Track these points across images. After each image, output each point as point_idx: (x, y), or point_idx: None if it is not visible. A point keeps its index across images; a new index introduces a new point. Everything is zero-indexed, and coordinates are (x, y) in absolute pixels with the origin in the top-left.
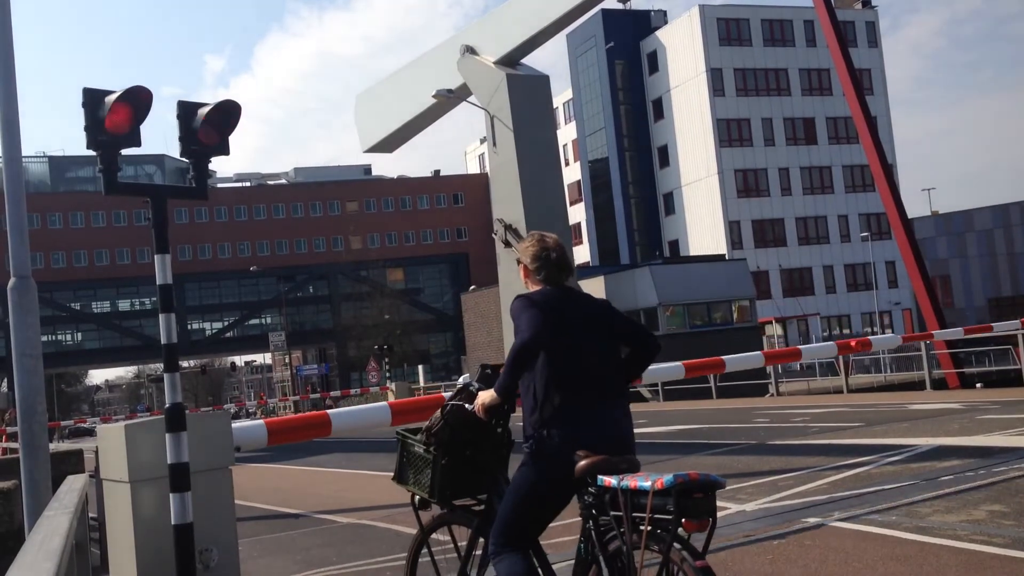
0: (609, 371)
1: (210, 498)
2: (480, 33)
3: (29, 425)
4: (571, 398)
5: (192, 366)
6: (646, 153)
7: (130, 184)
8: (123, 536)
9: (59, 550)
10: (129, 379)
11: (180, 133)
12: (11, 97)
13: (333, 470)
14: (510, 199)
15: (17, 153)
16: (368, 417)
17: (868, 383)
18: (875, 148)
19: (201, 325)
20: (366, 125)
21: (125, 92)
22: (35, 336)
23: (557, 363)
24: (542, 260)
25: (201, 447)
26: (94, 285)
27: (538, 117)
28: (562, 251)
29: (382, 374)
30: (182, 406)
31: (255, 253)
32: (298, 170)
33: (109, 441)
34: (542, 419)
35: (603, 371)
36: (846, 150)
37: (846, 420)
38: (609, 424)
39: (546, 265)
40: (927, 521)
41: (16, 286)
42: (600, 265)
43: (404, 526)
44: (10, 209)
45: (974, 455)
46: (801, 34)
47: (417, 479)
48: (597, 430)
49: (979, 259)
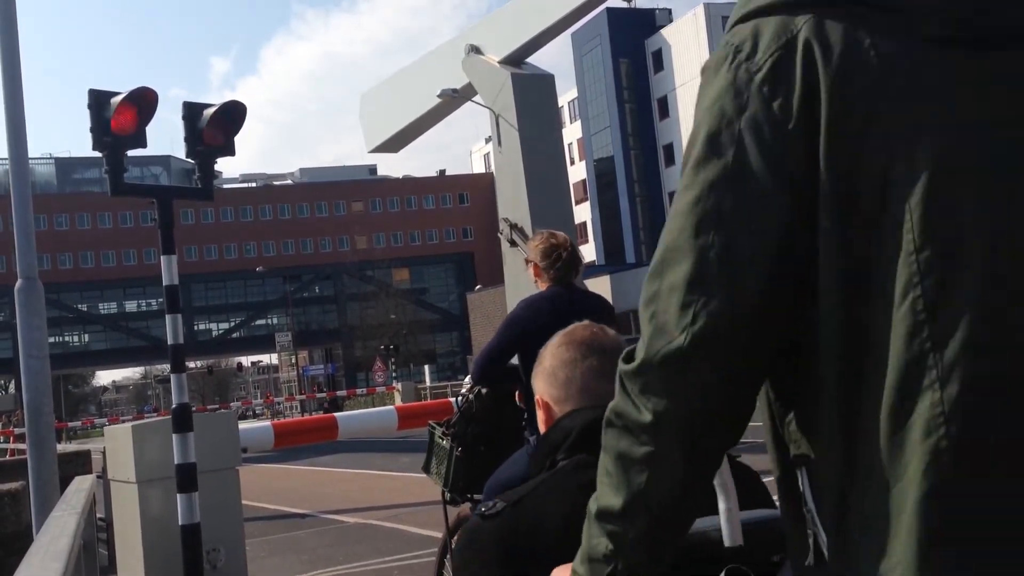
0: None
1: (217, 498)
2: (484, 32)
3: (36, 426)
4: None
5: (199, 367)
6: (651, 152)
7: (136, 185)
8: (131, 536)
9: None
10: (136, 380)
11: (186, 134)
12: (18, 99)
13: (339, 470)
14: (515, 198)
15: (24, 155)
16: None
17: None
18: None
19: (207, 326)
20: (371, 125)
21: (131, 93)
22: (42, 337)
23: None
24: (552, 258)
25: (208, 448)
26: (101, 286)
27: (543, 116)
28: (572, 249)
29: (388, 374)
30: (189, 407)
31: (261, 253)
32: (304, 170)
33: (117, 442)
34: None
35: None
36: None
37: None
38: None
39: (556, 263)
40: None
41: (23, 287)
42: (606, 264)
43: (411, 526)
44: (17, 211)
45: None
46: None
47: (438, 469)
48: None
49: None
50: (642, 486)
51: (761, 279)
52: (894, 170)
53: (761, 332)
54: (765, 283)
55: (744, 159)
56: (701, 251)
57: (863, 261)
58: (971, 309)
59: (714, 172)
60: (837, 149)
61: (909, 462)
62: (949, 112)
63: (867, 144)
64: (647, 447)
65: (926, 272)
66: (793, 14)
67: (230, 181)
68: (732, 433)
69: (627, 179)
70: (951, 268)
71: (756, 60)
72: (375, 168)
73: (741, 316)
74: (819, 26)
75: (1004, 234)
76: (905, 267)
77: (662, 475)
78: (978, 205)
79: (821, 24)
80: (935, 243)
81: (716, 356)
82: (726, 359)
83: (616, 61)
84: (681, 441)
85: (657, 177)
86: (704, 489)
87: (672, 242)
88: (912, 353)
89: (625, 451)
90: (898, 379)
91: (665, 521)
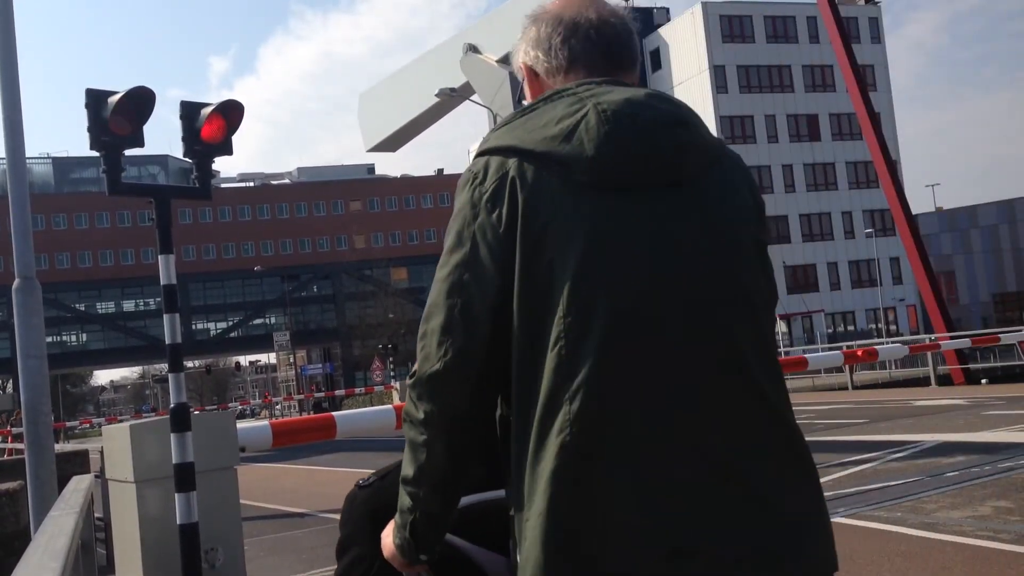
0: None
1: (215, 498)
2: (483, 31)
3: (34, 426)
4: None
5: (197, 366)
6: None
7: (134, 185)
8: (129, 536)
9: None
10: (134, 380)
11: (183, 133)
12: (15, 99)
13: (338, 469)
14: None
15: (21, 154)
16: (372, 420)
17: (873, 380)
18: (879, 144)
19: (205, 325)
20: (369, 124)
21: (128, 93)
22: (40, 337)
23: None
24: None
25: (206, 447)
26: (98, 286)
27: None
28: None
29: (386, 373)
30: (187, 406)
31: (259, 253)
32: (302, 170)
33: (114, 441)
34: None
35: None
36: (850, 146)
37: (851, 417)
38: None
39: None
40: (932, 517)
41: (21, 287)
42: None
43: None
44: (14, 210)
45: (979, 451)
46: (804, 30)
47: None
48: None
49: (983, 255)
50: (422, 462)
51: (485, 327)
52: (555, 262)
53: (488, 361)
54: (487, 330)
55: (476, 250)
56: (449, 308)
57: (537, 320)
58: (591, 356)
59: (458, 257)
60: (525, 247)
61: (549, 448)
62: (592, 228)
63: (542, 245)
64: (423, 435)
65: (567, 330)
66: (507, 157)
67: (228, 181)
68: (478, 426)
69: None
70: (581, 330)
71: (485, 185)
72: (373, 167)
73: (474, 351)
74: (521, 167)
75: (619, 312)
76: (556, 326)
77: (433, 454)
78: (604, 291)
79: (523, 166)
80: (573, 312)
81: (461, 376)
82: (467, 378)
83: None
84: (443, 431)
85: None
86: (463, 465)
87: (433, 301)
88: (556, 381)
89: (412, 438)
90: (547, 397)
91: (440, 485)
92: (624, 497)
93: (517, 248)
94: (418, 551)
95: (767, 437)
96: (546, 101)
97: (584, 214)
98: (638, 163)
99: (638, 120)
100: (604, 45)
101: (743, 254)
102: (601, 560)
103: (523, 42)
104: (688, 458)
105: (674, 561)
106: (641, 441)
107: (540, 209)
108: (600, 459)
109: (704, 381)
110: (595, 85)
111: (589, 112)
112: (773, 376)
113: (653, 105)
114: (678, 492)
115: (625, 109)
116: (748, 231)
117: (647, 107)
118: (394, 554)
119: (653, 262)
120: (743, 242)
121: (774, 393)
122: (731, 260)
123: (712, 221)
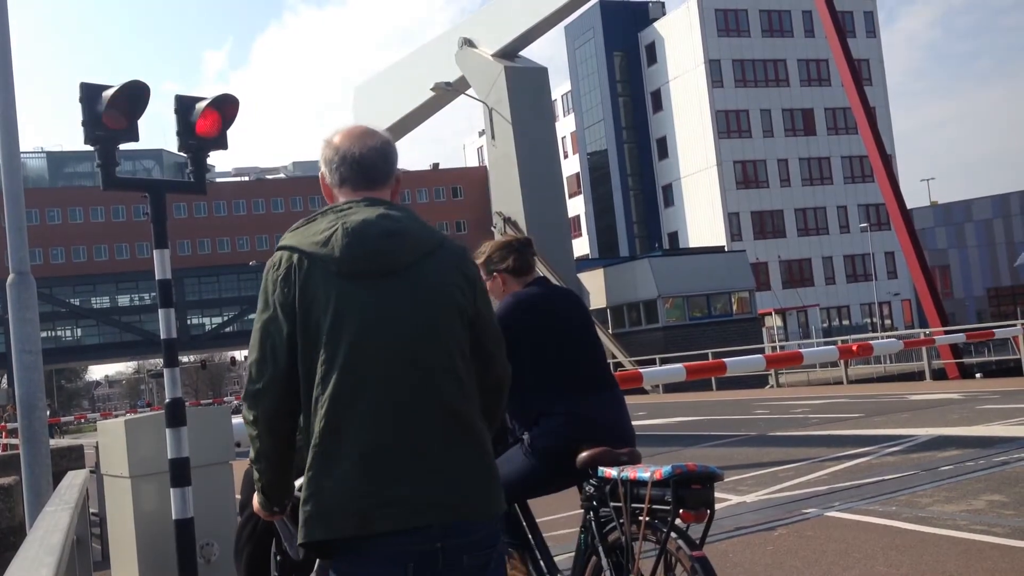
0: (601, 361)
1: (211, 493)
2: (478, 25)
3: (29, 421)
4: (569, 389)
5: (192, 361)
6: (645, 145)
7: (128, 179)
8: (124, 531)
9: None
10: (129, 374)
11: (178, 128)
12: (9, 93)
13: None
14: (509, 192)
15: (15, 149)
16: None
17: (868, 374)
18: (874, 138)
19: (201, 320)
20: (364, 118)
21: (122, 87)
22: (34, 332)
23: (549, 356)
24: (507, 249)
25: (202, 442)
26: (93, 280)
27: (537, 109)
28: (522, 240)
29: None
30: (182, 401)
31: (254, 247)
32: (297, 164)
33: (110, 437)
34: (538, 412)
35: (594, 362)
36: (845, 141)
37: (846, 411)
38: (605, 414)
39: (513, 252)
40: (927, 511)
41: (15, 282)
42: (599, 257)
43: None
44: (8, 205)
45: (974, 445)
46: (800, 24)
47: None
48: (594, 421)
49: (978, 249)
50: (257, 448)
51: (284, 359)
52: (320, 320)
53: (289, 379)
54: (287, 361)
55: (276, 312)
56: (262, 348)
57: (310, 354)
58: (334, 382)
59: (266, 316)
60: (302, 310)
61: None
62: (339, 300)
63: (312, 309)
64: (255, 431)
65: (324, 361)
66: (292, 252)
67: (223, 175)
68: (289, 421)
69: (621, 172)
70: (331, 365)
71: (279, 271)
72: None
73: (280, 375)
74: (301, 260)
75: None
76: (320, 364)
77: (262, 443)
78: (346, 336)
79: (301, 260)
80: (328, 350)
81: (272, 391)
82: (276, 392)
83: (610, 54)
84: (265, 427)
85: (651, 170)
86: (285, 446)
87: (252, 343)
88: (319, 391)
89: (249, 433)
90: (315, 400)
91: (272, 462)
92: (352, 462)
93: (297, 311)
94: (271, 505)
95: (446, 427)
96: (321, 215)
97: (336, 291)
98: (366, 260)
99: (366, 234)
100: (363, 172)
101: (441, 312)
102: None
103: (321, 157)
104: (392, 438)
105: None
106: (363, 426)
107: (310, 287)
108: (339, 436)
109: (406, 392)
110: (352, 205)
111: (338, 228)
112: (459, 388)
113: (379, 223)
114: (386, 459)
115: (359, 227)
116: (450, 298)
117: (374, 224)
118: (259, 509)
119: (376, 320)
120: (442, 304)
121: (456, 399)
122: (431, 317)
123: (418, 294)
